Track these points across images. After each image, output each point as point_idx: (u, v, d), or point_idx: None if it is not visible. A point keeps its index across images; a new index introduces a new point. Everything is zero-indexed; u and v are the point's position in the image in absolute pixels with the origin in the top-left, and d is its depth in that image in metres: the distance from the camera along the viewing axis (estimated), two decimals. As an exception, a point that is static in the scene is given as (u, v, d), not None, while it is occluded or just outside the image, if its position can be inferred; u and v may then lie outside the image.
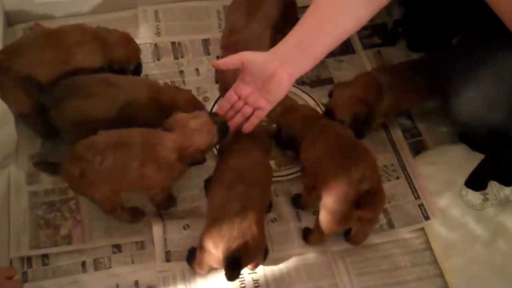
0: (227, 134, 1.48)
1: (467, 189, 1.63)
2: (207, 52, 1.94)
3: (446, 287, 1.51)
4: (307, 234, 1.54)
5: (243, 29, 1.73)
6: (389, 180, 1.68)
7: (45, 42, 1.57)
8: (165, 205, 1.56)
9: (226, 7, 2.00)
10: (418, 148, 1.77)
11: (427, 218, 1.61)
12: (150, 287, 1.47)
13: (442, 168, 1.69)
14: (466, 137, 1.73)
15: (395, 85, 1.66)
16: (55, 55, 1.56)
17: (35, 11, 1.87)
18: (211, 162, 1.53)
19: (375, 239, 1.57)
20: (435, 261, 1.55)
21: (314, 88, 1.87)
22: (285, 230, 1.58)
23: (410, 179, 1.69)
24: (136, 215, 1.54)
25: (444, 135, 1.79)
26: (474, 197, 1.63)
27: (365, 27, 2.04)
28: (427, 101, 1.77)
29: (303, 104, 1.75)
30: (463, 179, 1.64)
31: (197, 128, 1.40)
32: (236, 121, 1.49)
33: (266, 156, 1.54)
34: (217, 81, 1.81)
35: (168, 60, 1.91)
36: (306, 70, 1.44)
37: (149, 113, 1.53)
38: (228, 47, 1.72)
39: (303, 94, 1.81)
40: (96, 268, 1.48)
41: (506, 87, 1.44)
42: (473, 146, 1.71)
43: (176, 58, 1.92)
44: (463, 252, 1.55)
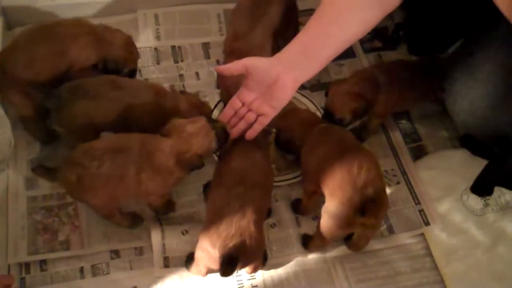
0: (227, 140, 1.47)
1: (468, 194, 1.62)
2: (207, 56, 1.94)
3: (447, 293, 1.51)
4: (307, 240, 1.54)
5: (247, 35, 1.72)
6: (389, 185, 1.67)
7: (40, 36, 1.56)
8: (164, 211, 1.56)
9: (227, 11, 2.00)
10: (419, 153, 1.76)
11: (427, 224, 1.60)
12: (149, 293, 1.47)
13: (443, 173, 1.68)
14: (467, 142, 1.72)
15: (391, 83, 1.65)
16: (50, 48, 1.55)
17: (35, 15, 1.87)
18: (210, 168, 1.53)
19: (375, 245, 1.56)
20: (436, 267, 1.54)
21: (315, 92, 1.86)
22: (285, 236, 1.57)
23: (410, 184, 1.68)
24: (135, 221, 1.54)
25: (445, 140, 1.78)
26: (475, 203, 1.62)
27: (366, 31, 2.05)
28: (422, 102, 1.76)
29: (303, 108, 1.75)
30: (464, 184, 1.64)
31: (194, 133, 1.39)
32: (240, 128, 1.48)
33: (267, 158, 1.53)
34: (219, 87, 1.80)
35: (168, 64, 1.91)
36: (311, 76, 1.44)
37: (154, 117, 1.52)
38: (231, 53, 1.72)
39: (303, 98, 1.80)
40: (94, 274, 1.48)
41: None
42: (474, 151, 1.70)
43: (176, 62, 1.92)
44: (464, 258, 1.54)
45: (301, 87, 1.85)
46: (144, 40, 1.93)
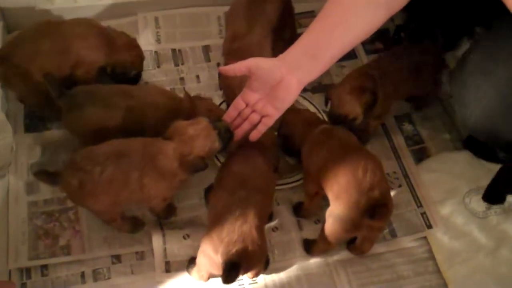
0: (231, 141, 1.46)
1: (470, 197, 1.62)
2: (208, 59, 1.93)
3: (449, 297, 1.50)
4: (309, 245, 1.53)
5: (246, 35, 1.72)
6: (391, 188, 1.65)
7: (47, 32, 1.57)
8: (165, 215, 1.55)
9: (227, 13, 1.99)
10: (421, 156, 1.75)
11: (430, 227, 1.60)
12: (150, 298, 1.46)
13: (445, 176, 1.67)
14: (471, 144, 1.71)
15: (385, 76, 1.63)
16: (55, 44, 1.56)
17: (35, 19, 1.86)
18: (212, 172, 1.52)
19: (378, 249, 1.55)
20: (438, 271, 1.53)
21: (315, 94, 1.86)
22: (287, 240, 1.57)
23: (413, 187, 1.68)
24: (136, 225, 1.53)
25: (447, 142, 1.78)
26: (477, 205, 1.61)
27: (367, 32, 2.04)
28: (420, 91, 1.75)
29: (305, 109, 1.74)
30: (466, 187, 1.64)
31: (196, 134, 1.38)
32: (244, 129, 1.47)
33: (270, 165, 1.51)
34: (221, 88, 1.79)
35: (169, 67, 1.90)
36: (315, 77, 1.42)
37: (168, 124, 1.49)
38: (231, 54, 1.71)
39: (304, 101, 1.79)
40: (95, 279, 1.47)
41: None
42: (477, 153, 1.70)
43: (177, 65, 1.91)
44: (466, 261, 1.53)
45: (302, 89, 1.84)
46: (145, 43, 1.92)
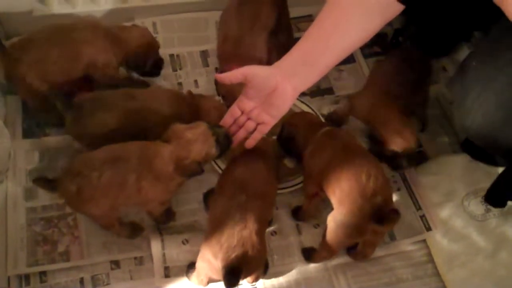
0: (229, 146, 1.46)
1: (469, 200, 1.62)
2: (206, 64, 1.93)
3: (449, 300, 1.50)
4: (310, 253, 1.52)
5: (240, 38, 1.71)
6: (390, 192, 1.66)
7: (56, 39, 1.58)
8: (164, 220, 1.55)
9: (225, 18, 1.99)
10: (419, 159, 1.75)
11: (429, 229, 1.60)
12: (149, 303, 1.46)
13: (444, 179, 1.67)
14: (469, 147, 1.71)
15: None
16: (63, 52, 1.57)
17: (33, 24, 1.86)
18: (210, 176, 1.52)
19: (377, 252, 1.55)
20: (437, 274, 1.54)
21: (314, 98, 1.86)
22: (286, 244, 1.57)
23: (411, 190, 1.68)
24: (135, 230, 1.53)
25: (445, 145, 1.78)
26: (476, 208, 1.61)
27: (365, 36, 2.04)
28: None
29: (308, 112, 1.75)
30: (465, 190, 1.64)
31: (194, 139, 1.38)
32: (239, 136, 1.47)
33: (272, 170, 1.51)
34: (219, 94, 1.78)
35: (167, 72, 1.90)
36: (311, 84, 1.42)
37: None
38: (223, 56, 1.71)
39: (302, 105, 1.79)
40: (94, 285, 1.47)
41: None
42: (475, 156, 1.69)
43: (175, 70, 1.91)
44: (465, 264, 1.54)
45: (301, 94, 1.84)
46: (143, 49, 1.92)
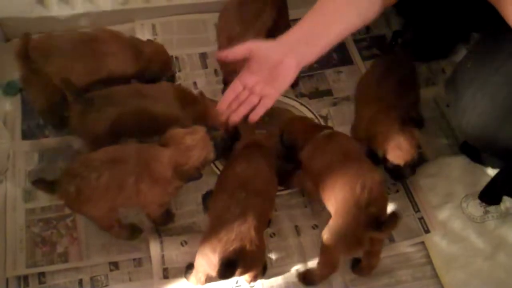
0: (226, 150, 1.47)
1: (468, 202, 1.62)
2: (205, 65, 1.94)
3: (448, 302, 1.50)
4: (309, 276, 1.49)
5: (241, 37, 1.70)
6: (388, 194, 1.66)
7: (79, 51, 1.58)
8: (163, 221, 1.55)
9: (224, 20, 1.99)
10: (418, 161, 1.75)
11: (428, 231, 1.60)
12: (148, 305, 1.46)
13: (442, 181, 1.67)
14: (467, 149, 1.71)
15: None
16: (88, 65, 1.58)
17: (32, 26, 1.86)
18: (209, 178, 1.52)
19: (375, 254, 1.55)
20: (436, 275, 1.53)
21: (312, 100, 1.86)
22: (284, 245, 1.57)
23: (410, 192, 1.68)
24: (134, 232, 1.53)
25: (444, 147, 1.78)
26: (475, 210, 1.61)
27: (364, 39, 2.06)
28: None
29: (305, 116, 1.75)
30: (464, 191, 1.64)
31: (193, 145, 1.39)
32: (240, 112, 1.47)
33: (273, 167, 1.51)
34: (226, 80, 1.74)
35: (166, 74, 1.90)
36: (313, 60, 1.46)
37: (181, 123, 1.50)
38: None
39: (301, 107, 1.80)
40: (93, 286, 1.47)
41: None
42: (474, 158, 1.69)
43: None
44: (464, 266, 1.53)
45: (300, 95, 1.86)
46: (142, 50, 1.92)
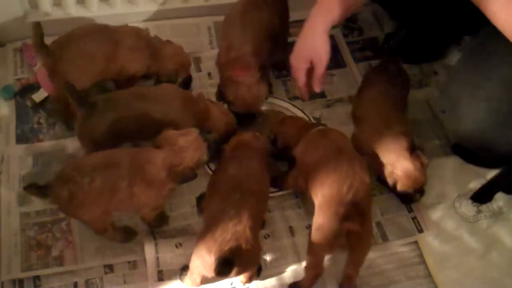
0: (219, 152, 1.47)
1: (460, 202, 1.63)
2: (198, 69, 1.94)
3: (441, 301, 1.51)
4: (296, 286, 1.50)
5: (243, 44, 1.70)
6: (382, 193, 1.67)
7: (99, 37, 1.60)
8: (157, 224, 1.56)
9: (217, 23, 2.00)
10: (411, 161, 1.76)
11: (421, 231, 1.61)
12: (143, 307, 1.46)
13: (435, 181, 1.68)
14: (459, 149, 1.72)
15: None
16: (105, 51, 1.59)
17: (26, 31, 1.87)
18: (203, 180, 1.53)
19: (369, 254, 1.53)
20: (429, 275, 1.55)
21: (306, 102, 1.86)
22: (279, 246, 1.58)
23: (403, 192, 1.68)
24: (128, 235, 1.54)
25: (437, 148, 1.79)
26: (468, 210, 1.63)
27: (356, 41, 2.06)
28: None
29: (296, 116, 1.77)
30: (456, 192, 1.65)
31: (186, 146, 1.40)
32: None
33: (265, 168, 1.52)
34: (224, 99, 1.74)
35: (160, 77, 1.91)
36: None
37: (183, 126, 1.51)
38: (228, 63, 1.71)
39: (294, 109, 1.81)
40: (88, 289, 1.48)
41: None
42: (466, 158, 1.71)
43: (168, 75, 1.92)
44: (457, 265, 1.55)
45: (293, 98, 1.86)
46: (135, 54, 1.93)
